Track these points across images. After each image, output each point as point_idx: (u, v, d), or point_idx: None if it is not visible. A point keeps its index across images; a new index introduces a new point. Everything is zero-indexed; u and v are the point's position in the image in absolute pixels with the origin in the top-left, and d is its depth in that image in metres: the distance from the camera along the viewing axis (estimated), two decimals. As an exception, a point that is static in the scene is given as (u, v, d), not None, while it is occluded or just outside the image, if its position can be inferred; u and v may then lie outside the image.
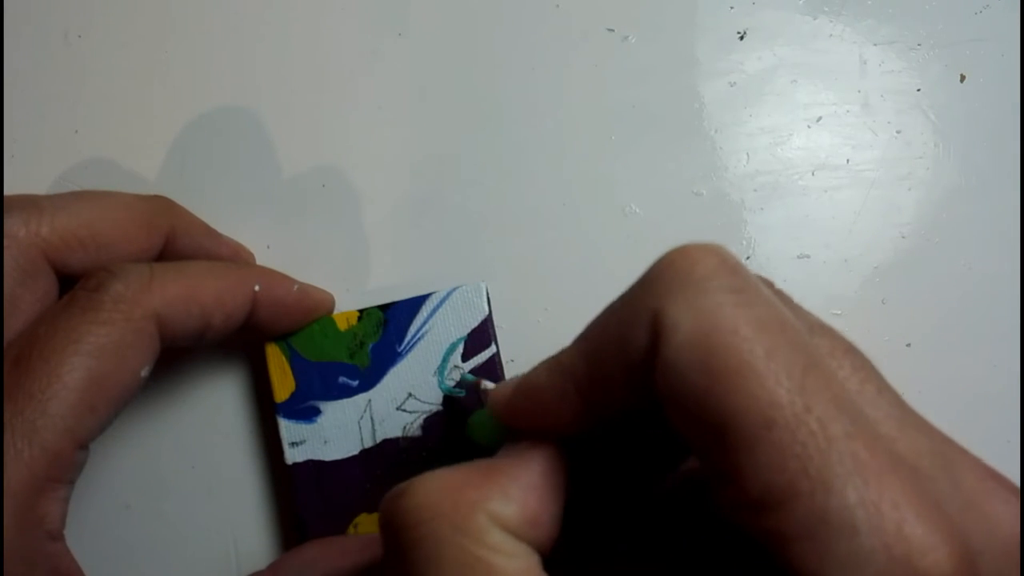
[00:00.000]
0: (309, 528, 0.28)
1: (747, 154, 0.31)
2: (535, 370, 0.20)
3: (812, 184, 0.31)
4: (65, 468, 0.24)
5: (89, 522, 0.30)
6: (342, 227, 0.31)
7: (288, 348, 0.28)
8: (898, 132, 0.31)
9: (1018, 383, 0.30)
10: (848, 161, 0.31)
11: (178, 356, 0.31)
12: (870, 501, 0.15)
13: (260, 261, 0.31)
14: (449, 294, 0.28)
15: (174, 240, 0.28)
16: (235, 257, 0.30)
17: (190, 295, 0.26)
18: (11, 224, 0.25)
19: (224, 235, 0.30)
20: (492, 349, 0.28)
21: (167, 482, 0.31)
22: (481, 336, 0.28)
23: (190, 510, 0.30)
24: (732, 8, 0.32)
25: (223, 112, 0.32)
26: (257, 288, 0.27)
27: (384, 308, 0.28)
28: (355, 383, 0.28)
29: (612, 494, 0.22)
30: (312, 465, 0.28)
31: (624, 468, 0.21)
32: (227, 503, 0.30)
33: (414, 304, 0.28)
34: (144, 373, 0.25)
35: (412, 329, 0.28)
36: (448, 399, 0.28)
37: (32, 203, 0.26)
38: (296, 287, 0.28)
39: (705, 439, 0.17)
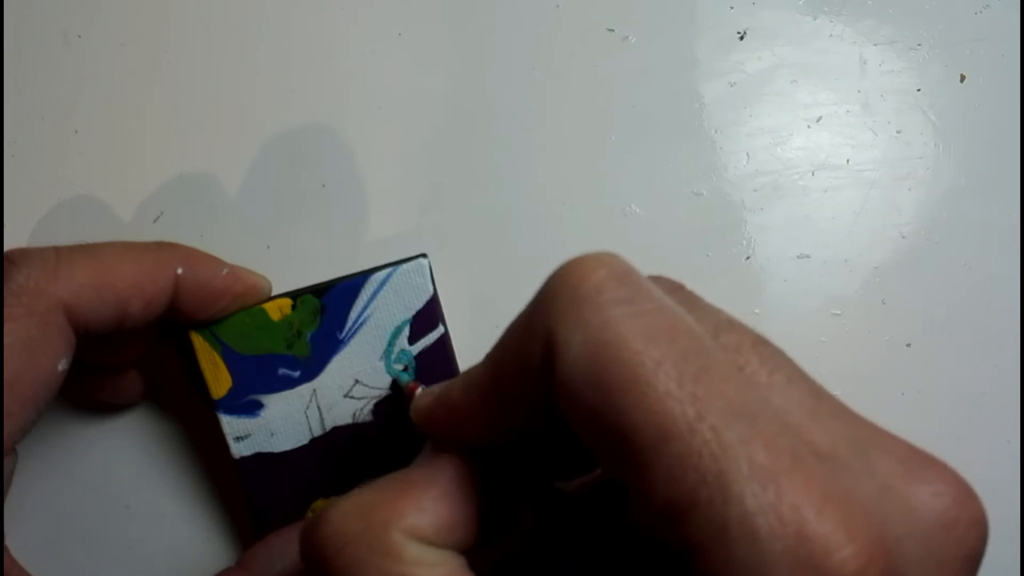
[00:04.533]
0: (264, 519, 0.27)
1: (747, 154, 0.31)
2: (453, 383, 0.20)
3: (812, 184, 0.31)
4: None
5: (89, 522, 0.30)
6: (342, 227, 0.31)
7: (218, 342, 0.26)
8: (898, 132, 0.31)
9: (1018, 383, 0.30)
10: (848, 161, 0.31)
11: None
12: (769, 505, 0.15)
13: (260, 261, 0.31)
14: (389, 276, 0.27)
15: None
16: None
17: (102, 281, 0.24)
18: (30, 275, 0.23)
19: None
20: (440, 330, 0.27)
21: (167, 482, 0.30)
22: (428, 317, 0.27)
23: (190, 510, 0.30)
24: (732, 8, 0.32)
25: (223, 112, 0.32)
26: (180, 271, 0.25)
27: (319, 293, 0.27)
28: (296, 374, 0.27)
29: (533, 490, 0.22)
30: (260, 458, 0.27)
31: (545, 465, 0.21)
32: (229, 502, 0.30)
33: (352, 288, 0.27)
34: (61, 367, 0.23)
35: (353, 315, 0.27)
36: (397, 383, 0.27)
37: (50, 254, 0.24)
38: (226, 270, 0.26)
39: (608, 454, 0.17)
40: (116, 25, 0.32)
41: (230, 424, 0.27)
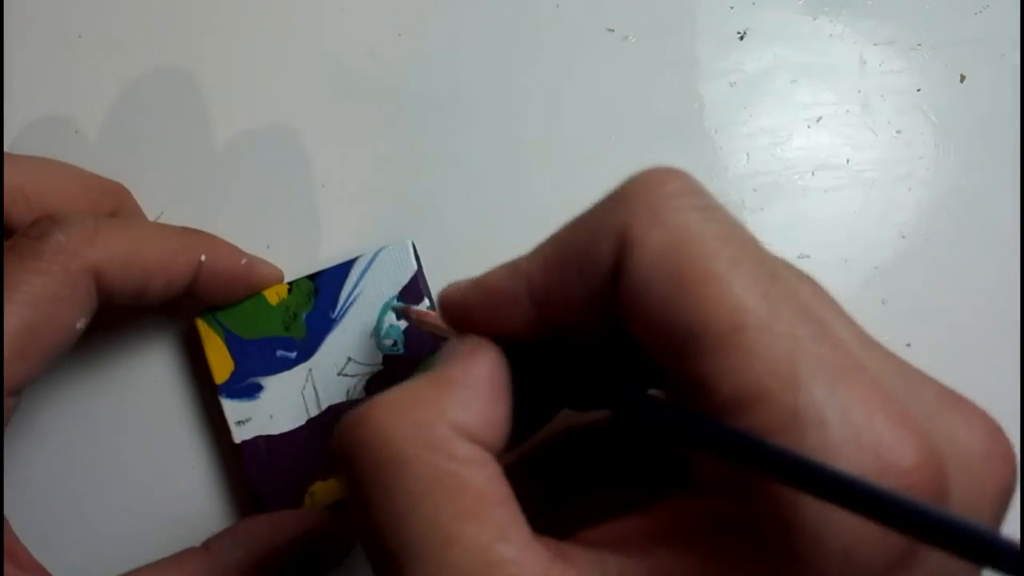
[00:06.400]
0: (265, 504, 0.28)
1: (747, 154, 0.31)
2: (493, 271, 0.20)
3: (812, 184, 0.31)
4: None
5: (89, 522, 0.30)
6: (342, 227, 0.31)
7: (221, 327, 0.28)
8: (898, 132, 0.31)
9: (1018, 383, 0.30)
10: (848, 161, 0.31)
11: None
12: (838, 396, 0.16)
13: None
14: (376, 255, 0.29)
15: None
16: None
17: (133, 256, 0.25)
18: (70, 236, 0.25)
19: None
20: (425, 303, 0.28)
21: (167, 482, 0.30)
22: (413, 292, 0.28)
23: (190, 510, 0.30)
24: (732, 8, 0.32)
25: (223, 112, 0.32)
26: (203, 258, 0.27)
27: (313, 277, 0.29)
28: (293, 355, 0.28)
29: (563, 403, 0.22)
30: (261, 441, 0.28)
31: (580, 383, 0.21)
32: (229, 502, 0.30)
33: (342, 269, 0.29)
34: (80, 326, 0.25)
35: (343, 294, 0.28)
36: (388, 358, 0.28)
37: (90, 222, 0.25)
38: (244, 260, 0.28)
39: (673, 349, 0.17)
40: (116, 25, 0.32)
41: (232, 408, 0.28)
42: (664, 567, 0.17)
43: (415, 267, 0.29)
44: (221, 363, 0.28)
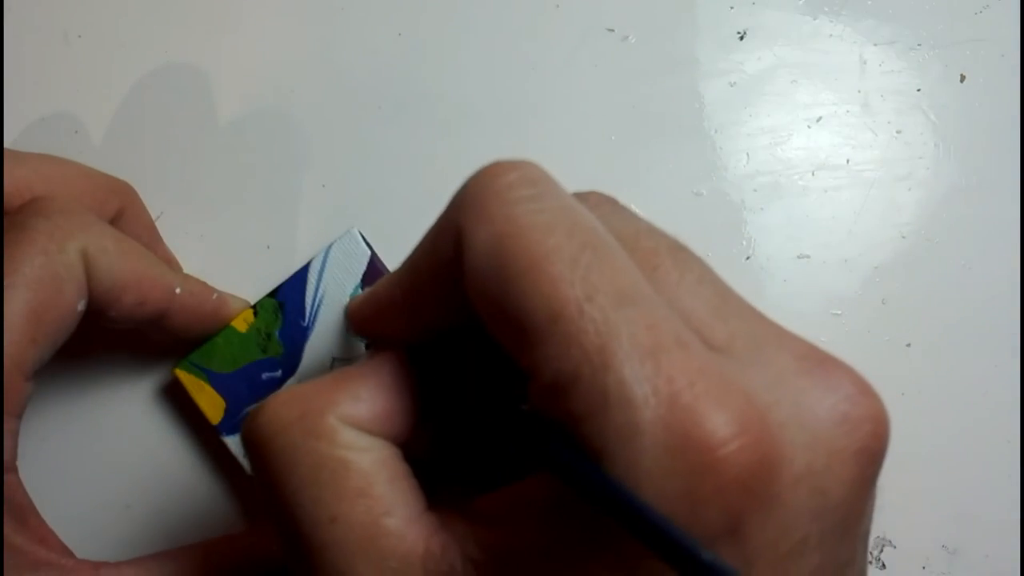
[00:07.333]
0: None
1: (747, 154, 0.31)
2: (380, 282, 0.22)
3: (812, 184, 0.31)
4: (15, 401, 0.24)
5: (89, 522, 0.30)
6: (342, 227, 0.31)
7: (200, 370, 0.28)
8: (898, 132, 0.31)
9: (1018, 383, 0.30)
10: (848, 161, 0.31)
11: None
12: (645, 376, 0.16)
13: (260, 261, 0.31)
14: (328, 252, 0.29)
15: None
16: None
17: (117, 257, 0.26)
18: (70, 219, 0.25)
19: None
20: None
21: (167, 482, 0.30)
22: (374, 276, 0.29)
23: (190, 510, 0.30)
24: (732, 8, 0.32)
25: (223, 113, 0.32)
26: (178, 290, 0.27)
27: (274, 293, 0.29)
28: (278, 373, 0.28)
29: (480, 400, 0.23)
30: None
31: (487, 378, 0.21)
32: (228, 502, 0.30)
33: (299, 277, 0.29)
34: (80, 307, 0.25)
35: (308, 300, 0.28)
36: (370, 346, 0.28)
37: (85, 211, 0.26)
38: (215, 295, 0.29)
39: (509, 340, 0.18)
40: (116, 25, 0.32)
41: (236, 444, 0.28)
42: (514, 539, 0.18)
43: (368, 253, 0.29)
44: (212, 405, 0.28)
